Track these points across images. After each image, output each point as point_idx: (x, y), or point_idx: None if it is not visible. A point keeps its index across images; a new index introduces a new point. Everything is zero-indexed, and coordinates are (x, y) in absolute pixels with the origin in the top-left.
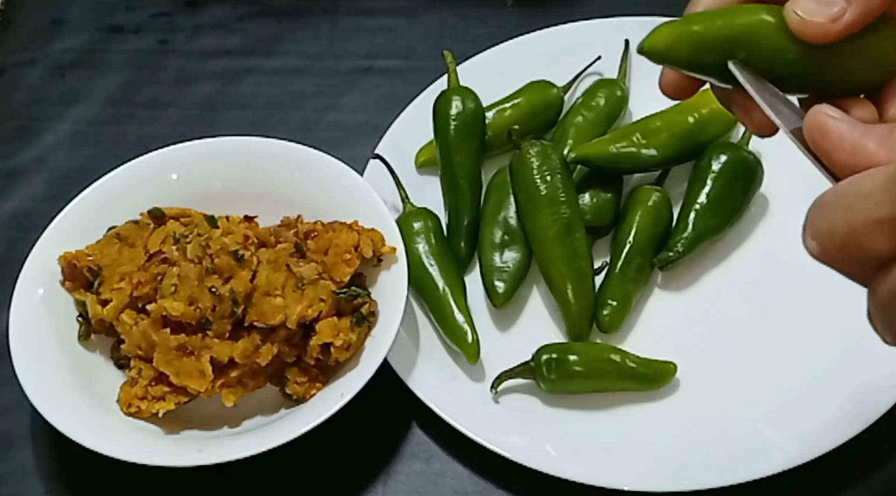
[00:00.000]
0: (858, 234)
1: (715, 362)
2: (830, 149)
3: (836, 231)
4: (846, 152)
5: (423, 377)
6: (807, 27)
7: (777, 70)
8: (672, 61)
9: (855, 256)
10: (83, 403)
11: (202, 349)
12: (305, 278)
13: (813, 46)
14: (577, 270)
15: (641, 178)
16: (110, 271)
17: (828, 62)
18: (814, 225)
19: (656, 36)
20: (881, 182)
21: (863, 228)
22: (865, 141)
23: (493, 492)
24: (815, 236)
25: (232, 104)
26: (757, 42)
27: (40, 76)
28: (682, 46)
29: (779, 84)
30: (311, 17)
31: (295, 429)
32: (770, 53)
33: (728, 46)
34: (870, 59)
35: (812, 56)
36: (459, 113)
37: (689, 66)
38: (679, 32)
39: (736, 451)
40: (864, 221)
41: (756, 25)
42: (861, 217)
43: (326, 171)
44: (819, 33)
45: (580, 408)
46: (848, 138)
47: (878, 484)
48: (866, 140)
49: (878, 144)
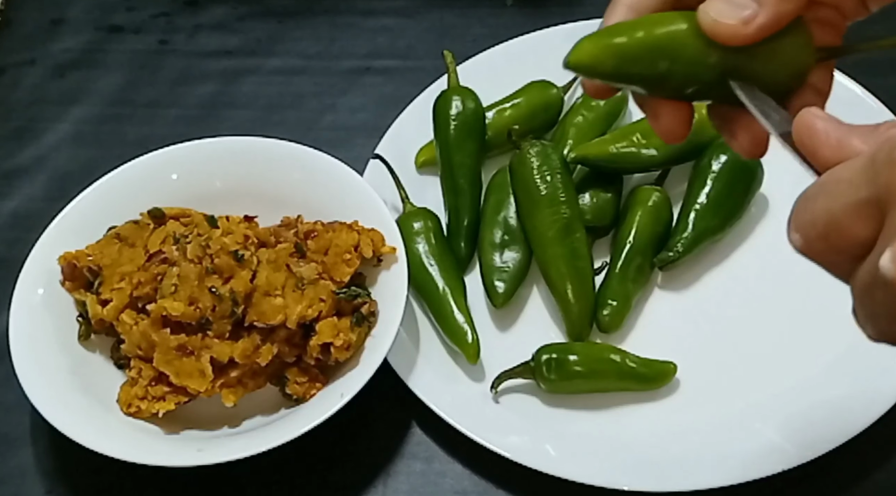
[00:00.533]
0: (838, 220)
1: (715, 362)
2: (817, 146)
3: (818, 219)
4: (832, 149)
5: (423, 377)
6: (719, 29)
7: (700, 76)
8: (598, 74)
9: (836, 244)
10: (83, 403)
11: (202, 349)
12: (305, 278)
13: (729, 50)
14: (577, 270)
15: (641, 178)
16: (110, 271)
17: (744, 66)
18: (797, 217)
19: (580, 51)
20: (858, 167)
21: (842, 214)
22: (850, 138)
23: (493, 492)
24: (797, 228)
25: (232, 104)
26: (677, 49)
27: (40, 76)
28: (606, 60)
29: (704, 90)
30: (311, 17)
31: (295, 429)
32: (691, 59)
33: (651, 56)
34: (784, 64)
35: (729, 60)
36: (459, 113)
37: (614, 78)
38: (602, 45)
39: (736, 451)
40: (843, 206)
41: (675, 33)
42: (840, 202)
43: (326, 171)
44: (730, 34)
45: (580, 408)
46: (834, 136)
47: (878, 484)
48: (851, 137)
49: (862, 140)
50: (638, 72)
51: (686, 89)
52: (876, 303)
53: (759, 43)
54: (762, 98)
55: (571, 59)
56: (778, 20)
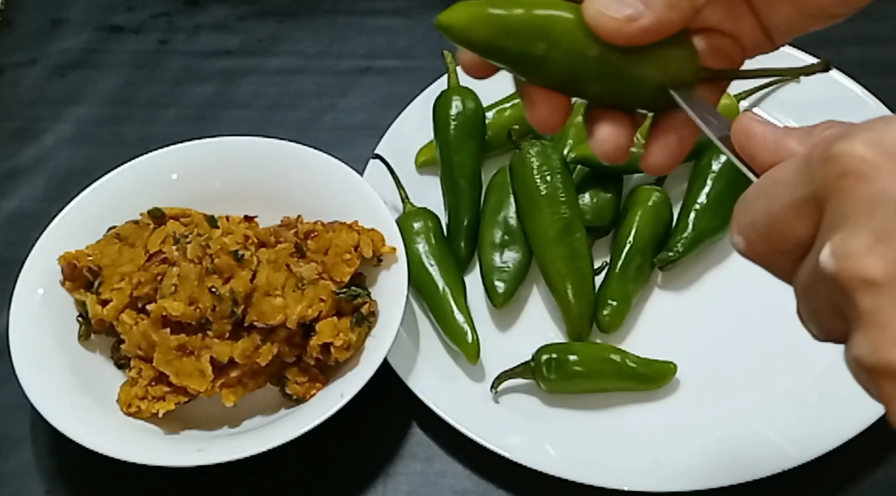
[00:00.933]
0: (778, 221)
1: (715, 362)
2: (756, 150)
3: (758, 221)
4: (769, 152)
5: (423, 377)
6: (600, 21)
7: (577, 68)
8: (468, 42)
9: (777, 245)
10: (83, 403)
11: (202, 349)
12: (305, 278)
13: (610, 47)
14: (577, 270)
15: (641, 178)
16: (110, 271)
17: (622, 68)
18: (738, 220)
19: (454, 11)
20: (794, 168)
21: (781, 213)
22: (786, 140)
23: (493, 492)
24: (739, 231)
25: (232, 104)
26: (558, 35)
27: (40, 76)
28: (479, 27)
29: (580, 84)
30: (311, 17)
31: (295, 429)
32: (570, 48)
33: (529, 34)
34: (663, 75)
35: (609, 58)
36: (459, 113)
37: (487, 50)
38: (479, 11)
39: (736, 451)
40: (781, 206)
41: (558, 18)
42: (779, 203)
43: (326, 171)
44: (611, 30)
45: (580, 408)
46: (771, 139)
47: (878, 484)
48: (787, 139)
49: (798, 142)
50: (513, 47)
51: (562, 79)
52: (818, 300)
53: (641, 48)
54: (701, 103)
55: (443, 17)
56: (662, 26)
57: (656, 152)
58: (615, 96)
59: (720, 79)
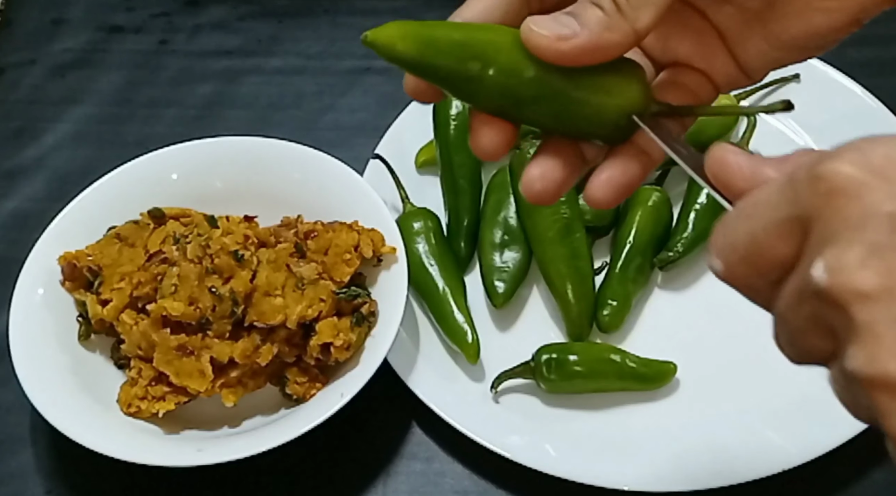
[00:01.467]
0: (759, 241)
1: (715, 362)
2: (730, 178)
3: (738, 242)
4: (745, 179)
5: (423, 377)
6: (533, 38)
7: (514, 89)
8: (396, 59)
9: (757, 266)
10: (83, 403)
11: (202, 349)
12: (305, 278)
13: (551, 69)
14: (577, 270)
15: None
16: (110, 271)
17: (563, 92)
18: (716, 243)
19: (383, 28)
20: (776, 187)
21: (763, 234)
22: (762, 167)
23: (493, 492)
24: (718, 254)
25: (232, 104)
26: (492, 53)
27: (40, 76)
28: (407, 43)
29: (519, 108)
30: (311, 17)
31: (295, 429)
32: (506, 68)
33: (460, 52)
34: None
35: (549, 81)
36: (459, 113)
37: (415, 67)
38: (410, 29)
39: (736, 451)
40: (763, 226)
41: (494, 39)
42: (761, 223)
43: (326, 171)
44: (544, 47)
45: (580, 408)
46: (747, 167)
47: (878, 484)
48: (763, 166)
49: (774, 169)
50: (444, 65)
51: (500, 102)
52: (801, 319)
53: (582, 71)
54: (668, 133)
55: (370, 34)
56: (598, 47)
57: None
58: (559, 123)
59: (677, 114)
